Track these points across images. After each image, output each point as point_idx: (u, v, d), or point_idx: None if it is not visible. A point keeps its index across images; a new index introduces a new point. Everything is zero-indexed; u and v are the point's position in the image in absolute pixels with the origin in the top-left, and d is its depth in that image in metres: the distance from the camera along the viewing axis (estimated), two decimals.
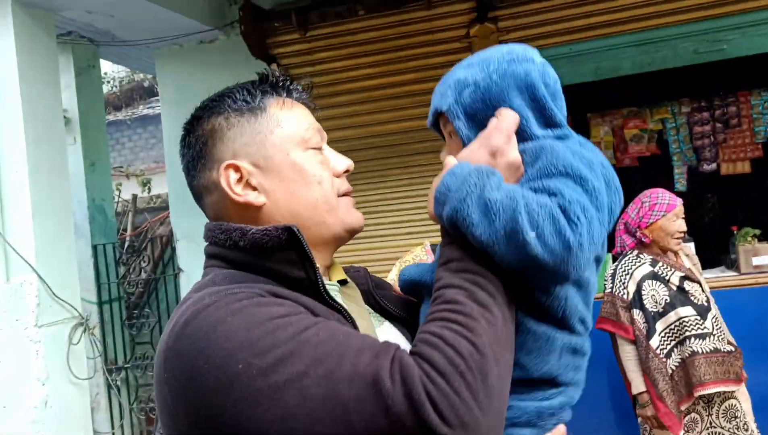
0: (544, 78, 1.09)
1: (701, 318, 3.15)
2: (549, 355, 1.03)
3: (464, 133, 1.09)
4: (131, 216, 7.15)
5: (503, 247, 0.94)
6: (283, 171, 1.09)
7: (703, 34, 4.36)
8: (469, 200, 0.96)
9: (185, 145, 1.13)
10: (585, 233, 0.93)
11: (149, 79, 11.49)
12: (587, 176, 0.98)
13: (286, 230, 1.00)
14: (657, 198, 3.28)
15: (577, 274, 0.96)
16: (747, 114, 5.37)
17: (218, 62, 5.20)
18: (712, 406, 3.14)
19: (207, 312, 0.91)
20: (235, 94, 1.12)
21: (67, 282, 3.74)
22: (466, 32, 4.66)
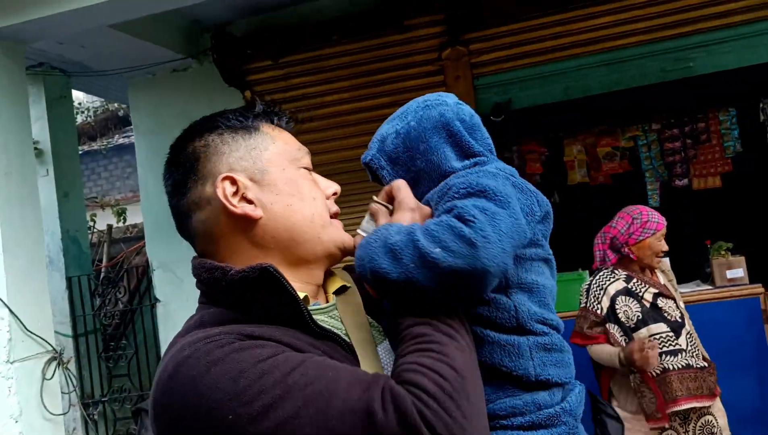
0: (458, 115, 1.19)
1: (674, 334, 3.16)
2: (519, 358, 1.08)
3: (388, 179, 1.18)
4: (106, 247, 7.07)
5: (421, 276, 0.97)
6: (279, 185, 1.09)
7: (669, 52, 4.45)
8: (376, 255, 1.00)
9: (173, 164, 1.12)
10: (487, 227, 0.96)
11: (123, 108, 11.45)
12: (489, 186, 1.04)
13: (262, 271, 1.00)
14: (647, 216, 3.27)
15: (498, 267, 0.96)
16: (716, 130, 5.47)
17: (192, 90, 5.20)
18: (689, 423, 3.14)
19: (188, 365, 0.90)
20: (227, 114, 1.13)
21: (39, 316, 3.67)
22: (438, 55, 4.72)
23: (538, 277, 1.13)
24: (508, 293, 1.09)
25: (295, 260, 1.10)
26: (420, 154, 1.16)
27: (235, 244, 1.08)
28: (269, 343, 0.94)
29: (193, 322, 1.04)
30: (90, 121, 12.23)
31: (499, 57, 4.65)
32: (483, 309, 1.08)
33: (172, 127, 4.92)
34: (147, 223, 5.35)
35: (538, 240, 1.12)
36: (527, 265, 1.12)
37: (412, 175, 1.17)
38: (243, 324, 0.99)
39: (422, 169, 1.17)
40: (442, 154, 1.15)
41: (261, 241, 1.08)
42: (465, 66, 4.69)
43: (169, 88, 5.30)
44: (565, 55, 4.56)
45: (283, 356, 0.91)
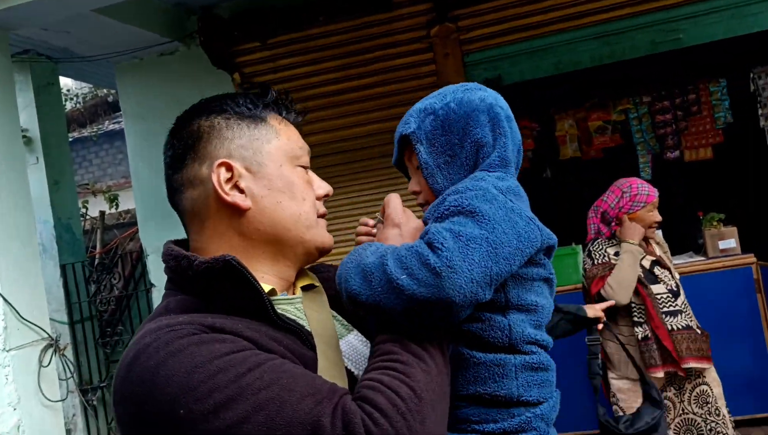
0: (498, 101, 1.18)
1: (673, 296, 3.19)
2: (504, 379, 1.06)
3: (422, 157, 1.16)
4: (100, 233, 7.06)
5: (388, 301, 0.96)
6: (273, 180, 1.10)
7: (658, 24, 4.43)
8: (350, 275, 1.00)
9: (175, 138, 1.12)
10: (455, 255, 0.94)
11: (112, 94, 11.36)
12: (479, 208, 1.01)
13: (225, 263, 1.00)
14: (637, 189, 3.28)
15: (465, 298, 0.94)
16: (707, 101, 5.47)
17: (180, 74, 5.16)
18: (684, 393, 3.17)
19: (147, 354, 0.91)
20: (238, 98, 1.13)
21: (34, 303, 3.67)
22: (427, 33, 4.69)
23: (537, 298, 1.11)
24: (505, 313, 1.08)
25: (275, 254, 1.11)
26: (457, 139, 1.15)
27: (219, 229, 1.09)
28: (230, 337, 0.94)
29: (159, 308, 1.05)
30: (79, 108, 12.15)
31: (488, 33, 4.63)
32: (476, 326, 1.07)
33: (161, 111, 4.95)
34: (139, 208, 5.33)
35: (539, 259, 1.11)
36: (528, 286, 1.10)
37: (445, 158, 1.16)
38: (207, 313, 1.00)
39: (457, 154, 1.15)
40: (479, 143, 1.14)
41: (245, 230, 1.09)
42: (454, 43, 4.67)
43: (157, 72, 5.26)
44: (554, 30, 4.53)
45: (241, 355, 0.91)
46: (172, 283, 1.09)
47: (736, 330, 4.46)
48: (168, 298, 1.07)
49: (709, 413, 3.15)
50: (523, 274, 1.08)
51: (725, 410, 3.21)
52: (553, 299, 1.17)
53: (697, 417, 3.15)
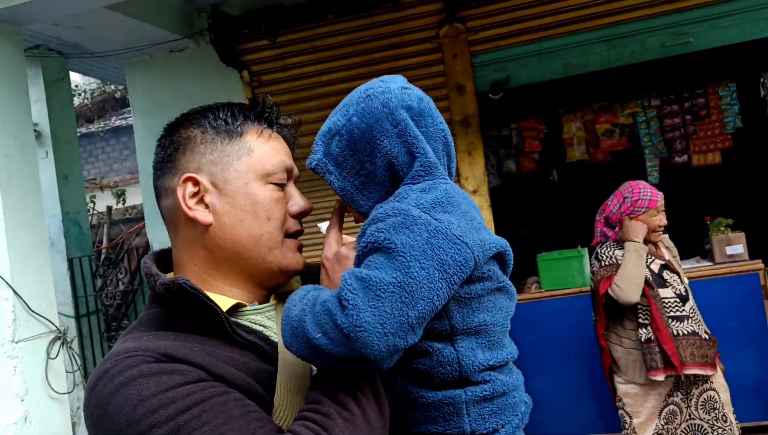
0: (404, 102, 1.05)
1: (681, 301, 3.19)
2: (455, 416, 1.01)
3: (336, 185, 1.08)
4: (106, 228, 7.08)
5: (312, 356, 0.96)
6: (237, 198, 1.10)
7: (669, 27, 4.43)
8: (285, 326, 0.98)
9: (160, 145, 1.15)
10: (363, 313, 0.89)
11: (120, 90, 11.40)
12: (396, 242, 0.94)
13: (179, 286, 1.02)
14: (639, 193, 3.27)
15: (380, 353, 0.90)
16: (716, 105, 5.45)
17: (188, 70, 5.19)
18: (691, 398, 3.16)
19: (104, 381, 0.96)
20: (218, 111, 1.13)
21: (43, 296, 3.69)
22: (436, 33, 4.70)
23: (487, 315, 1.02)
24: (453, 342, 1.01)
25: (240, 270, 1.12)
26: (367, 156, 1.04)
27: (187, 239, 1.12)
28: (180, 367, 0.96)
29: (136, 321, 1.11)
30: (87, 104, 12.20)
31: (497, 34, 4.63)
32: (423, 362, 1.01)
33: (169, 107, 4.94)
34: (147, 204, 5.36)
35: (483, 273, 1.01)
36: (474, 305, 1.01)
37: (361, 179, 1.06)
38: (170, 331, 1.04)
39: (371, 172, 1.05)
40: (390, 155, 1.03)
41: (209, 245, 1.10)
42: (463, 43, 4.67)
43: (166, 68, 5.28)
44: (563, 32, 4.54)
45: (184, 390, 0.93)
46: (150, 295, 1.13)
47: (743, 336, 4.45)
48: (146, 310, 1.12)
49: (716, 419, 3.13)
50: (465, 294, 1.00)
51: (732, 416, 3.19)
52: (514, 304, 1.09)
53: (704, 423, 3.14)
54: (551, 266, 4.74)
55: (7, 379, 3.45)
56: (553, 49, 4.58)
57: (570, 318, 4.57)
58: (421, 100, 1.07)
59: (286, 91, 4.88)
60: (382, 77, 1.12)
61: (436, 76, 4.71)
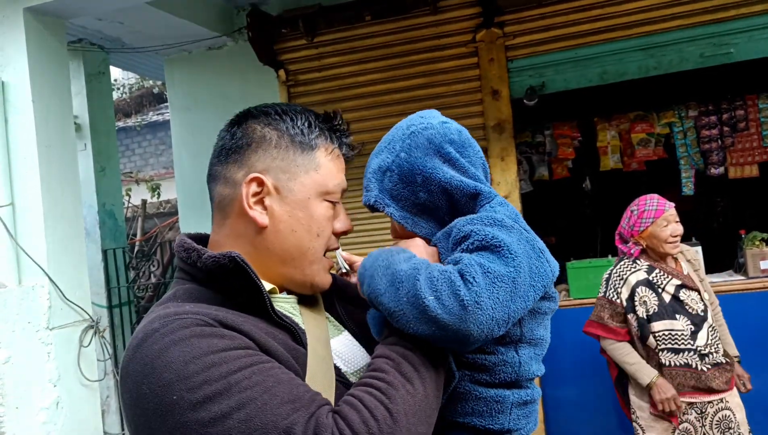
0: (447, 136, 1.15)
1: (695, 328, 3.10)
2: (500, 414, 1.09)
3: (397, 216, 1.16)
4: (141, 221, 7.20)
5: (409, 313, 0.98)
6: (296, 209, 1.14)
7: (709, 37, 4.37)
8: (378, 274, 1.03)
9: (229, 132, 1.17)
10: (483, 293, 0.96)
11: (158, 85, 11.58)
12: (504, 242, 1.01)
13: (231, 259, 1.06)
14: (645, 205, 3.22)
15: (482, 334, 0.96)
16: (755, 118, 5.36)
17: (226, 68, 5.26)
18: (706, 417, 3.10)
19: (153, 339, 0.97)
20: (297, 118, 1.16)
21: (78, 285, 3.78)
22: (473, 37, 4.70)
23: (544, 332, 1.14)
24: (517, 348, 1.10)
25: (275, 275, 1.16)
26: (420, 186, 1.13)
27: (236, 231, 1.15)
28: (230, 333, 0.99)
29: (168, 295, 1.12)
30: (125, 98, 12.41)
31: (533, 40, 4.62)
32: (489, 359, 1.08)
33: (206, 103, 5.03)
34: (180, 199, 5.44)
35: (551, 293, 1.12)
36: (539, 320, 1.12)
37: (418, 208, 1.15)
38: (212, 304, 1.06)
39: (426, 199, 1.14)
40: (442, 178, 1.12)
41: (257, 244, 1.14)
42: (499, 48, 4.67)
43: (205, 65, 5.37)
44: (601, 39, 4.50)
45: (235, 353, 0.96)
46: (183, 272, 1.15)
47: None
48: (176, 286, 1.13)
49: None
50: (537, 308, 1.10)
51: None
52: None
53: None
54: (581, 275, 4.70)
55: (41, 364, 3.54)
56: (591, 56, 4.54)
57: None
58: (461, 132, 1.17)
59: (322, 91, 4.92)
60: (420, 113, 1.21)
61: (471, 80, 4.71)
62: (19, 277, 3.60)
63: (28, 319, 3.52)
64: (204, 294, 1.09)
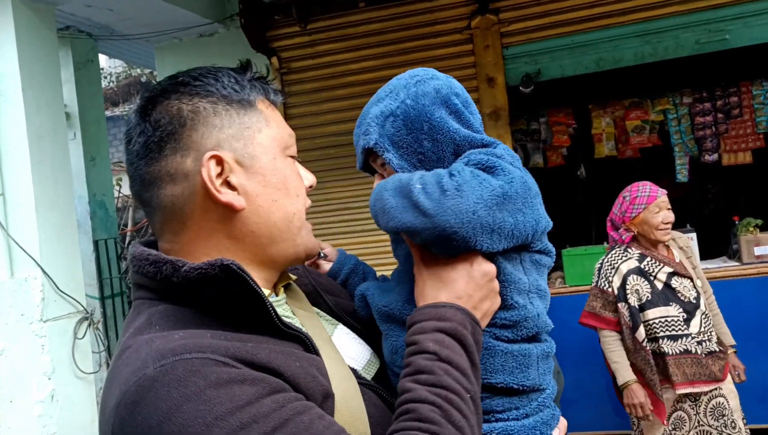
0: (453, 89, 1.13)
1: (687, 315, 3.11)
2: (529, 369, 1.07)
3: (395, 163, 1.11)
4: (132, 211, 7.13)
5: (397, 203, 0.99)
6: (267, 176, 0.98)
7: (705, 24, 4.36)
8: (388, 189, 1.02)
9: (149, 122, 0.95)
10: (466, 184, 0.96)
11: (146, 74, 11.46)
12: (499, 164, 1.02)
13: (223, 269, 0.89)
14: (637, 191, 3.23)
15: (462, 225, 0.95)
16: (748, 104, 5.37)
17: (218, 55, 5.20)
18: (699, 405, 3.12)
19: (156, 392, 0.79)
20: (222, 77, 0.99)
21: (71, 276, 3.74)
22: (467, 24, 4.66)
23: (545, 285, 1.13)
24: (531, 299, 1.08)
25: (265, 259, 1.01)
26: (425, 134, 1.09)
27: (204, 230, 0.97)
28: (251, 373, 0.83)
29: (140, 322, 0.91)
30: (112, 87, 12.27)
31: (529, 27, 4.59)
32: (509, 314, 1.07)
33: None
34: None
35: (549, 250, 1.12)
36: (541, 272, 1.12)
37: (419, 157, 1.10)
38: (202, 329, 0.89)
39: (429, 150, 1.10)
40: (450, 127, 1.09)
41: (237, 233, 0.97)
42: (494, 35, 4.63)
43: (196, 53, 5.30)
44: (597, 26, 4.48)
45: (266, 404, 0.80)
46: (148, 290, 0.95)
47: (766, 338, 4.40)
48: (144, 308, 0.93)
49: (725, 426, 3.10)
50: (537, 259, 1.10)
51: (741, 423, 3.15)
52: None
53: (713, 429, 3.11)
54: (576, 262, 4.71)
55: (35, 357, 3.50)
56: (587, 43, 4.52)
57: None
58: (463, 90, 1.15)
59: (316, 79, 4.88)
60: (422, 68, 1.18)
61: (466, 67, 4.68)
62: (12, 269, 3.55)
63: (21, 312, 3.47)
64: (187, 316, 0.90)
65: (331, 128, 4.74)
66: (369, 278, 1.30)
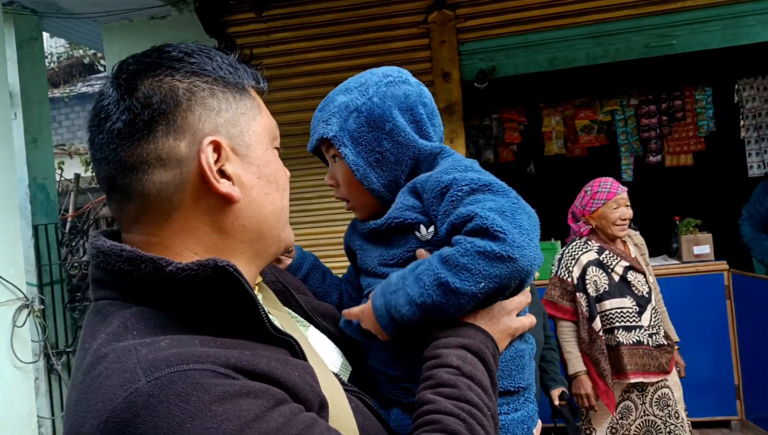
0: (421, 98, 1.13)
1: (640, 309, 3.23)
2: (524, 370, 1.08)
3: (351, 159, 1.10)
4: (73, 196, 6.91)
5: (485, 264, 0.94)
6: (261, 167, 0.91)
7: (654, 28, 4.47)
8: (398, 289, 0.98)
9: (134, 97, 0.84)
10: (515, 234, 0.94)
11: (89, 55, 11.11)
12: (489, 180, 1.01)
13: (217, 271, 0.80)
14: (598, 186, 3.34)
15: (537, 265, 0.96)
16: (691, 108, 5.55)
17: (169, 39, 4.98)
18: (646, 395, 3.24)
19: (154, 410, 0.70)
20: (216, 58, 0.90)
21: (11, 262, 3.59)
22: (424, 18, 4.66)
23: None
24: None
25: (252, 255, 0.93)
26: (386, 134, 1.09)
27: (191, 222, 0.87)
28: (254, 385, 0.76)
29: (114, 328, 0.80)
30: (53, 67, 11.86)
31: (485, 23, 4.62)
32: None
33: None
34: None
35: None
36: None
37: (376, 156, 1.09)
38: (187, 334, 0.80)
39: (388, 151, 1.09)
40: (410, 135, 1.09)
41: (228, 226, 0.89)
42: (451, 30, 4.65)
43: (147, 35, 5.15)
44: (552, 25, 4.55)
45: (273, 419, 0.74)
46: (116, 290, 0.84)
47: (704, 334, 4.57)
48: (114, 310, 0.83)
49: (669, 416, 3.23)
50: None
51: (684, 414, 3.30)
52: None
53: (658, 419, 3.23)
54: None
55: None
56: (541, 42, 4.58)
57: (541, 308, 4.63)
58: (432, 100, 1.16)
59: (271, 67, 4.81)
60: (397, 68, 1.17)
61: (422, 61, 4.68)
62: None
63: None
64: (167, 320, 0.81)
65: (285, 117, 4.68)
66: (327, 277, 1.28)
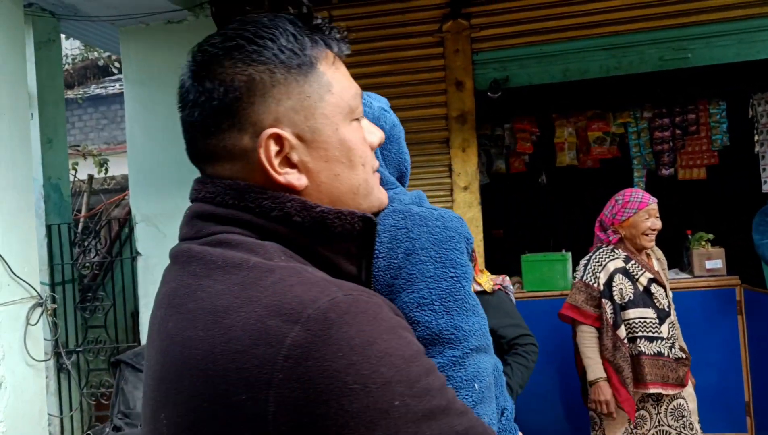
0: (377, 122, 1.12)
1: (660, 321, 3.24)
2: (503, 388, 1.08)
3: None
4: (86, 197, 6.96)
5: None
6: (330, 149, 0.89)
7: (669, 41, 4.48)
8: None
9: (201, 91, 0.87)
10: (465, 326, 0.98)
11: (104, 57, 11.19)
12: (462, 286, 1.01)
13: (364, 221, 0.87)
14: (630, 195, 3.37)
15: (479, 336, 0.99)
16: (705, 122, 5.54)
17: (185, 43, 5.05)
18: (661, 405, 3.25)
19: (354, 317, 0.73)
20: (279, 35, 0.87)
21: (26, 261, 3.61)
22: (439, 27, 4.69)
23: None
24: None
25: None
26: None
27: None
28: (408, 326, 0.82)
29: (265, 250, 0.82)
30: (68, 69, 11.94)
31: (500, 33, 4.64)
32: None
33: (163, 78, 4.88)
34: (132, 175, 5.25)
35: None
36: None
37: None
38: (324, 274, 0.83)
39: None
40: None
41: None
42: (465, 40, 4.67)
43: (163, 39, 5.18)
44: (565, 37, 4.56)
45: (426, 358, 0.79)
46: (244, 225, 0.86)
47: (715, 349, 4.54)
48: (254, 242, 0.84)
49: (683, 427, 3.22)
50: None
51: (698, 425, 3.31)
52: None
53: (672, 430, 3.23)
54: (535, 268, 4.78)
55: None
56: (555, 53, 4.60)
57: (550, 319, 4.61)
58: (395, 126, 1.15)
59: None
60: (368, 93, 1.16)
61: (436, 70, 4.71)
62: None
63: None
64: (300, 258, 0.84)
65: None
66: None
